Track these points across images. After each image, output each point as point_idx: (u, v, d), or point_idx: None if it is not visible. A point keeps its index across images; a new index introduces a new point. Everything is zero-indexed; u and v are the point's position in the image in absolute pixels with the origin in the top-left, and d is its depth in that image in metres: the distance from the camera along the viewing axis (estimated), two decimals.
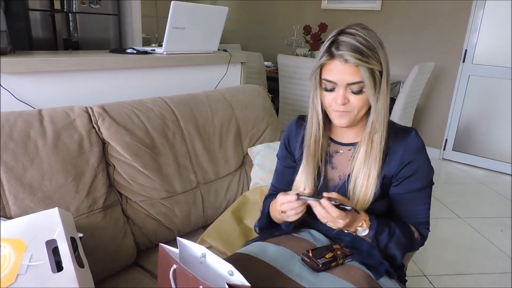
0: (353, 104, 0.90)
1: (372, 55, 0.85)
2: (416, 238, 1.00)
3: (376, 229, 0.91)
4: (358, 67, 0.85)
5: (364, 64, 0.84)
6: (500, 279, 1.97)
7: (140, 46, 2.66)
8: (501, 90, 3.42)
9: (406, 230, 0.97)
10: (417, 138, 0.95)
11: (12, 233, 0.82)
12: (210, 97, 1.65)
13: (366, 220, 0.91)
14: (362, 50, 0.84)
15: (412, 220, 1.01)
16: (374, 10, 3.90)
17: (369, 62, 0.85)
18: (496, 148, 3.52)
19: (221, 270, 0.76)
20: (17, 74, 1.31)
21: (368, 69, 0.85)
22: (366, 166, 0.93)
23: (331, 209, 0.83)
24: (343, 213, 0.84)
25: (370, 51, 0.85)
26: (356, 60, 0.84)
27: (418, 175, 0.95)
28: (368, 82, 0.86)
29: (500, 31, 3.33)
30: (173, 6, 1.63)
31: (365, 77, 0.85)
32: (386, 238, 0.92)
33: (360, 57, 0.84)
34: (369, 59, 0.85)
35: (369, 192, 0.93)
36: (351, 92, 0.89)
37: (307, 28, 3.61)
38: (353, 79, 0.86)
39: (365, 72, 0.85)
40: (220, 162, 1.57)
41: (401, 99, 3.07)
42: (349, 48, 0.84)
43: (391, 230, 0.93)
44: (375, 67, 0.86)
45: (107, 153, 1.24)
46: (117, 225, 1.20)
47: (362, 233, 0.92)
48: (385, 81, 0.89)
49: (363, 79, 0.86)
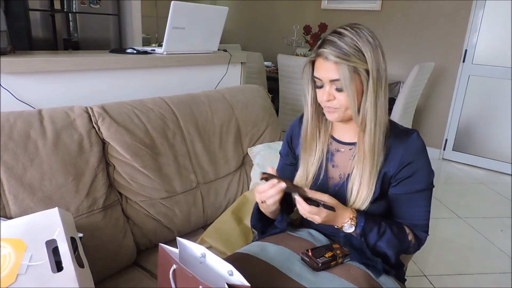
0: (338, 102, 0.92)
1: (355, 53, 0.87)
2: (409, 240, 0.99)
3: (363, 227, 0.92)
4: (337, 64, 0.87)
5: (343, 62, 0.86)
6: (500, 279, 1.97)
7: (140, 46, 2.66)
8: (501, 90, 3.42)
9: (398, 231, 0.97)
10: (418, 139, 0.95)
11: (12, 233, 0.82)
12: (210, 97, 1.65)
13: (352, 218, 0.92)
14: (342, 48, 0.87)
15: (409, 222, 1.00)
16: (374, 10, 3.90)
17: (350, 60, 0.86)
18: (496, 148, 3.52)
19: (221, 270, 0.76)
20: (17, 74, 1.31)
21: (348, 67, 0.86)
22: (360, 167, 0.94)
23: (302, 204, 0.87)
24: (315, 208, 0.86)
25: (353, 50, 0.87)
26: (335, 58, 0.87)
27: (417, 176, 0.95)
28: (347, 81, 0.87)
29: (500, 31, 3.33)
30: (173, 6, 1.63)
31: (344, 74, 0.87)
32: (375, 236, 0.93)
33: (339, 55, 0.86)
34: (351, 57, 0.86)
35: (364, 192, 0.94)
36: (335, 90, 0.90)
37: (307, 28, 3.61)
38: (333, 76, 0.89)
39: (344, 70, 0.87)
40: (220, 162, 1.57)
41: (401, 99, 3.06)
42: (331, 46, 0.88)
43: (381, 229, 0.93)
44: (359, 65, 0.87)
45: (107, 153, 1.24)
46: (117, 225, 1.20)
47: (348, 229, 0.93)
48: (373, 81, 0.89)
49: (343, 77, 0.87)
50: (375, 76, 0.88)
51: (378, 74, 0.89)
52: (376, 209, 0.96)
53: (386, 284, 0.93)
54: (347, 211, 0.92)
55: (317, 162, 1.02)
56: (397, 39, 3.80)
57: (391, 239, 0.94)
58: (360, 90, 0.90)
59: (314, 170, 1.03)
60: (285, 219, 1.03)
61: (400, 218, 1.00)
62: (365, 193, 0.94)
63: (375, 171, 0.93)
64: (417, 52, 3.72)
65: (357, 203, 0.95)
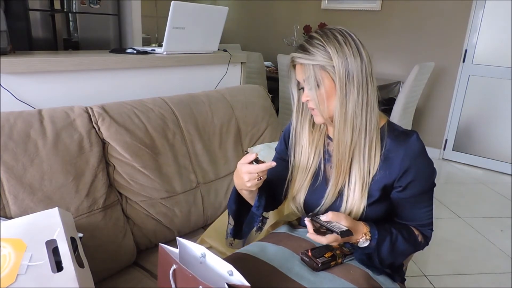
0: (311, 103, 0.92)
1: (319, 52, 0.87)
2: (420, 241, 1.00)
3: (378, 239, 0.91)
4: (303, 66, 0.89)
5: (307, 61, 0.88)
6: (500, 279, 1.97)
7: (140, 46, 2.66)
8: (501, 90, 3.42)
9: (409, 236, 0.97)
10: (417, 141, 0.92)
11: (12, 233, 0.82)
12: (210, 97, 1.65)
13: (366, 232, 0.91)
14: (308, 50, 0.88)
15: (416, 223, 1.00)
16: (374, 10, 3.90)
17: (314, 60, 0.87)
18: (496, 148, 3.52)
19: (220, 270, 0.76)
20: (17, 74, 1.31)
21: (314, 66, 0.87)
22: (361, 165, 0.93)
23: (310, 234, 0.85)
24: (332, 237, 0.84)
25: (317, 49, 0.88)
26: (298, 58, 0.90)
27: (421, 179, 0.93)
28: (311, 78, 0.88)
29: (500, 31, 3.33)
30: (173, 6, 1.63)
31: (308, 73, 0.88)
32: (388, 245, 0.92)
33: (304, 56, 0.89)
34: (315, 56, 0.87)
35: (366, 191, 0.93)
36: (308, 90, 0.91)
37: (307, 28, 3.61)
38: (302, 76, 0.91)
39: (308, 69, 0.88)
40: (220, 162, 1.57)
41: (401, 99, 3.07)
42: (299, 50, 0.91)
43: (393, 237, 0.93)
44: (325, 63, 0.87)
45: (107, 153, 1.24)
46: (117, 225, 1.20)
47: (363, 244, 0.91)
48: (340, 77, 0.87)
49: (304, 76, 0.89)
50: (342, 72, 0.87)
51: (346, 69, 0.87)
52: (377, 211, 0.96)
53: (385, 284, 0.93)
54: (360, 226, 0.91)
55: (315, 163, 1.02)
56: (397, 39, 3.80)
57: (401, 246, 0.94)
58: (334, 87, 0.89)
59: (313, 171, 1.02)
60: (262, 204, 0.99)
61: (406, 220, 1.00)
62: (363, 195, 0.93)
63: (370, 172, 0.92)
64: (417, 52, 3.72)
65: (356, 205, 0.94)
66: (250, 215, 1.03)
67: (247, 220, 1.04)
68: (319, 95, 0.89)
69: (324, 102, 0.90)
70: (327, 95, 0.89)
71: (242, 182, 0.91)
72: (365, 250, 0.93)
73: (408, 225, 1.00)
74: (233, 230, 1.07)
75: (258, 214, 1.00)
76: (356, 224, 0.90)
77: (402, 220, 1.01)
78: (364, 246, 0.91)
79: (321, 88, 0.89)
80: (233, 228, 1.07)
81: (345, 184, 0.95)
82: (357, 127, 0.90)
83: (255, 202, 0.99)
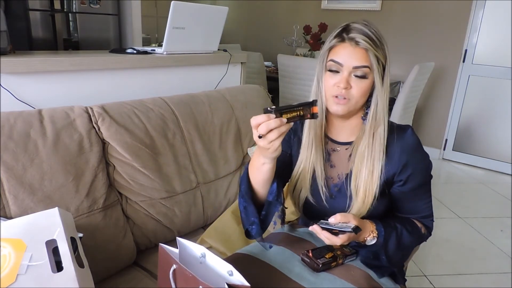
0: (353, 91, 0.89)
1: (380, 45, 0.88)
2: (423, 233, 1.02)
3: (385, 236, 0.92)
4: (367, 51, 0.87)
5: (373, 49, 0.87)
6: (500, 279, 1.96)
7: (140, 46, 2.66)
8: (501, 90, 3.41)
9: (413, 229, 0.98)
10: (413, 136, 0.95)
11: (12, 233, 0.82)
12: (210, 97, 1.65)
13: (373, 230, 0.92)
14: (372, 37, 0.87)
15: (417, 215, 1.02)
16: (374, 10, 3.90)
17: (377, 50, 0.87)
18: (496, 148, 3.52)
19: (220, 270, 0.76)
20: (17, 74, 1.31)
21: (375, 56, 0.87)
22: (370, 162, 0.92)
23: (319, 234, 0.85)
24: (345, 236, 0.84)
25: (378, 41, 0.88)
26: (366, 43, 0.86)
27: (419, 171, 0.95)
28: (376, 68, 0.88)
29: (500, 31, 3.33)
30: (173, 6, 1.63)
31: (373, 61, 0.87)
32: (394, 241, 0.93)
33: (370, 42, 0.87)
34: (378, 48, 0.88)
35: (374, 188, 0.92)
36: (354, 78, 0.89)
37: (307, 28, 3.61)
38: (360, 62, 0.87)
39: (373, 57, 0.87)
40: (220, 162, 1.57)
41: (401, 99, 3.07)
42: (360, 32, 0.88)
43: (398, 232, 0.94)
44: (381, 58, 0.88)
45: (107, 153, 1.24)
46: (117, 225, 1.20)
47: (370, 242, 0.92)
48: (387, 76, 0.91)
49: (370, 64, 0.87)
50: (388, 72, 0.91)
51: (389, 70, 0.91)
52: (379, 206, 0.96)
53: (386, 284, 0.93)
54: (367, 224, 0.92)
55: (320, 155, 1.00)
56: (397, 39, 3.80)
57: (407, 240, 0.95)
58: (372, 85, 0.91)
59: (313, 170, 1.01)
60: (280, 194, 0.91)
61: (408, 213, 1.02)
62: (372, 189, 0.93)
63: (380, 167, 0.92)
64: (417, 52, 3.72)
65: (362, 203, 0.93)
66: (266, 206, 0.93)
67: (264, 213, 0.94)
68: (364, 86, 0.89)
69: (365, 95, 0.90)
70: (368, 89, 0.90)
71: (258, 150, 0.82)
72: (372, 248, 0.93)
73: (410, 218, 1.01)
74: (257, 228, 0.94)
75: (280, 202, 0.92)
76: (363, 223, 0.91)
77: (403, 213, 1.02)
78: (371, 244, 0.92)
79: (367, 81, 0.89)
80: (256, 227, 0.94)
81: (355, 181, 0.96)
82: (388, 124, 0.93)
83: (271, 189, 0.91)
